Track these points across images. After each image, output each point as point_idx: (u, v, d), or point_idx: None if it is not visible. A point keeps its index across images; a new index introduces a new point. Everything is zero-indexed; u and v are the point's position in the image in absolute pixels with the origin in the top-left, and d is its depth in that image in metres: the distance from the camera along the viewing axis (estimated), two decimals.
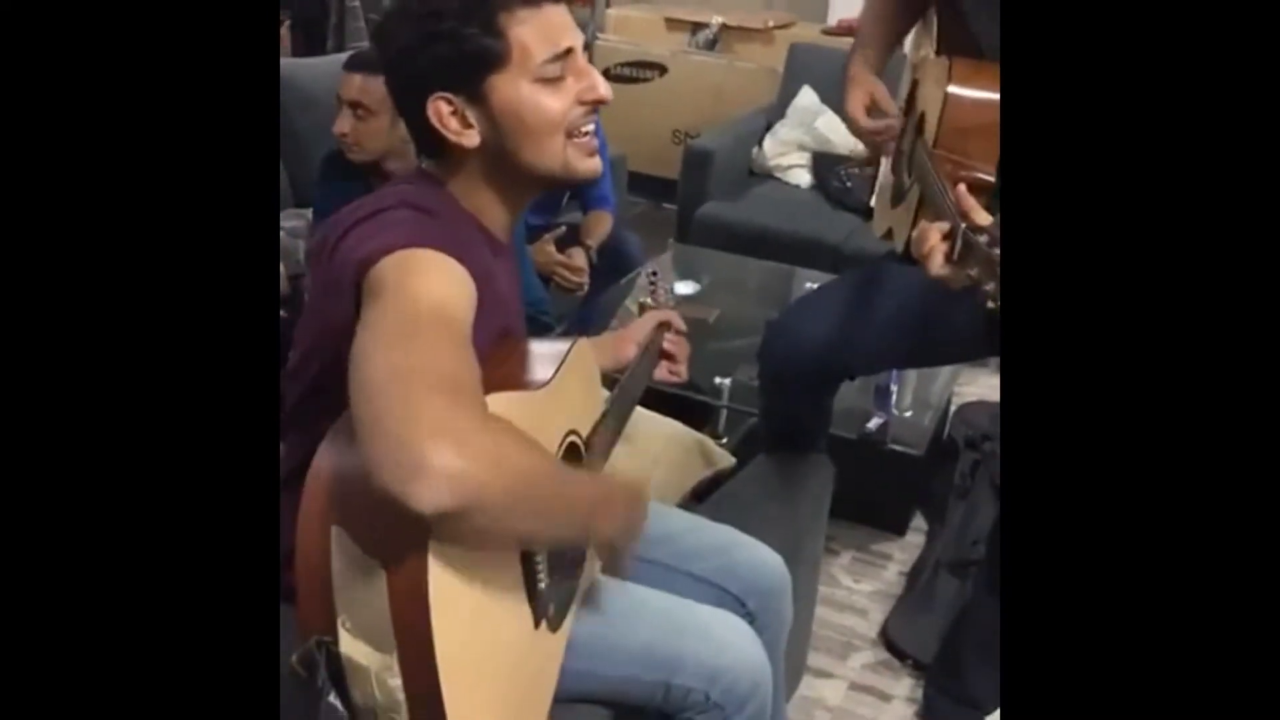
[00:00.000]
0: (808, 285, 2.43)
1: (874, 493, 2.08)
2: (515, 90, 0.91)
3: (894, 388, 2.04)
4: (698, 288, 2.39)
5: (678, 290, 2.29)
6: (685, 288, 2.35)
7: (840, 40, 3.51)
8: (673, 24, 4.02)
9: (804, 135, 3.29)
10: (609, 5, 4.20)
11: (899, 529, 2.16)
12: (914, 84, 1.49)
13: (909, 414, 2.10)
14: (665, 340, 1.28)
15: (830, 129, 3.22)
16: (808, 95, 3.32)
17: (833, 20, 3.88)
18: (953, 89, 1.23)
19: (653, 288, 1.56)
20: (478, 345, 0.81)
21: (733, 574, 1.16)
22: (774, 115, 3.39)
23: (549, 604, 0.90)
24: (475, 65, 0.90)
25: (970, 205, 0.94)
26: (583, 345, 1.03)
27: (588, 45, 4.03)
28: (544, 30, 0.91)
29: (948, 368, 2.26)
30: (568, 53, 0.93)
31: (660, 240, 3.17)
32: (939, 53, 1.35)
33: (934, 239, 0.94)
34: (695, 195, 3.14)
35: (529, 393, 0.89)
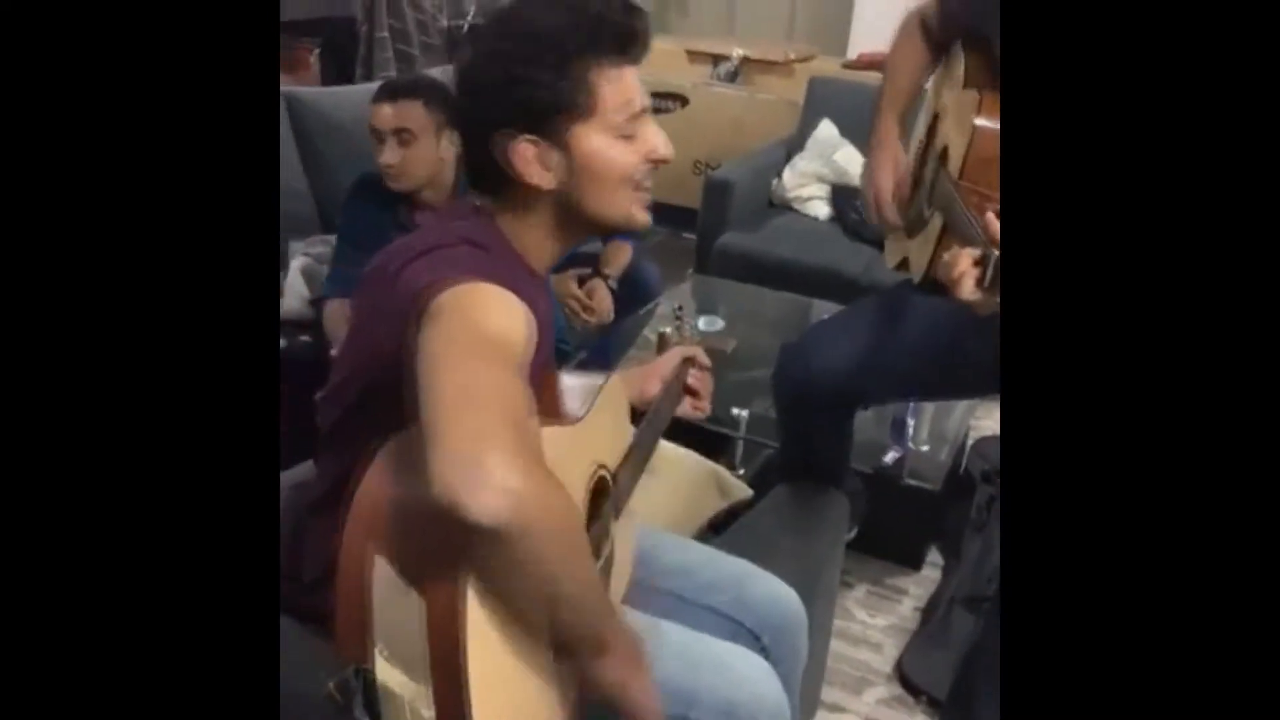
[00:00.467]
0: (825, 317, 2.44)
1: (889, 526, 2.08)
2: (594, 141, 0.96)
3: (910, 421, 2.04)
4: (721, 325, 2.40)
5: (701, 326, 2.31)
6: (708, 324, 2.36)
7: (860, 74, 3.54)
8: (694, 56, 4.07)
9: (823, 167, 3.31)
10: None
11: (914, 563, 2.16)
12: (935, 117, 1.51)
13: (925, 448, 2.11)
14: (690, 376, 1.30)
15: (849, 161, 3.24)
16: (827, 128, 3.35)
17: (853, 54, 3.91)
18: (980, 121, 1.27)
19: (678, 322, 1.57)
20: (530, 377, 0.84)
21: (748, 608, 1.17)
22: (793, 147, 3.42)
23: None
24: (563, 113, 0.95)
25: (998, 232, 0.97)
26: (615, 382, 1.06)
27: None
28: (624, 89, 0.97)
29: (964, 402, 2.27)
30: (641, 112, 0.99)
31: (679, 269, 3.20)
32: (966, 86, 1.37)
33: (965, 264, 0.97)
34: (715, 226, 3.17)
35: (564, 428, 0.91)
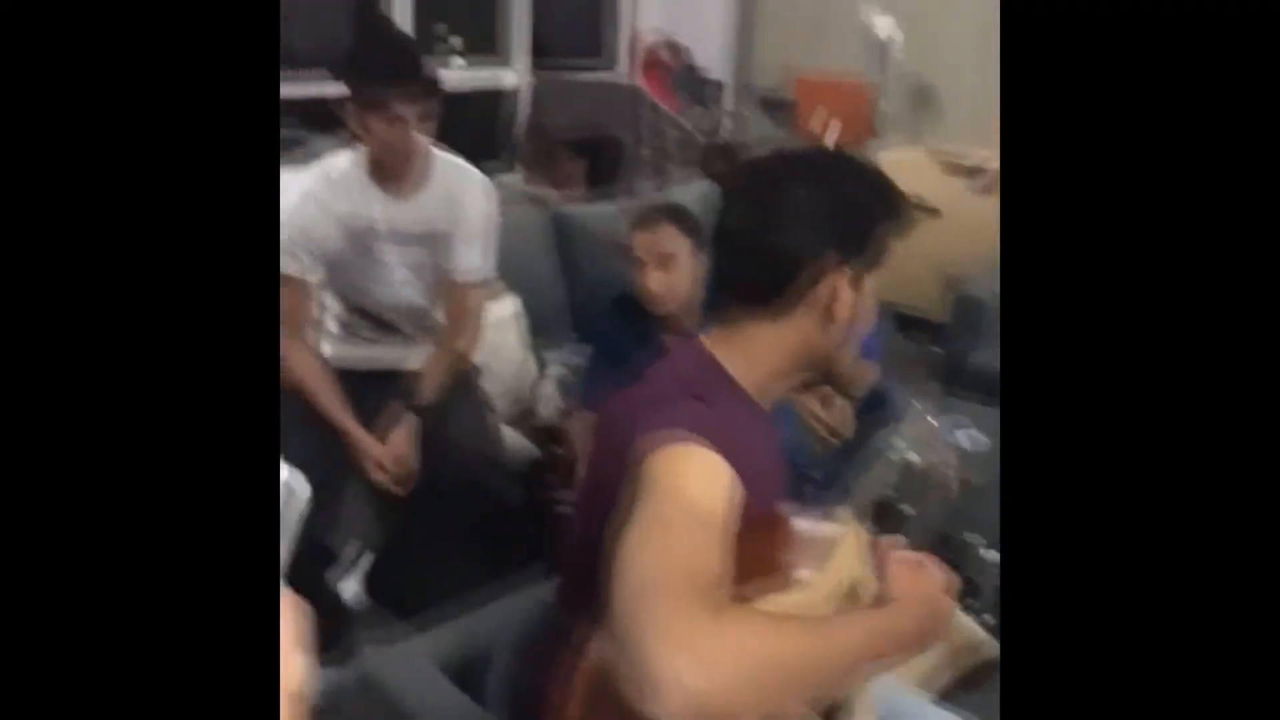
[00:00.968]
0: None
1: None
2: (869, 293, 1.03)
3: None
4: (986, 442, 2.22)
5: (965, 445, 2.14)
6: (972, 442, 2.19)
7: None
8: (947, 166, 3.99)
9: None
10: (883, 147, 4.25)
11: None
12: None
13: None
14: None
15: None
16: None
17: None
18: None
19: (930, 441, 1.48)
20: (744, 528, 0.84)
21: None
22: None
23: None
24: (874, 261, 1.01)
25: None
26: (856, 532, 1.02)
27: None
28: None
29: None
30: None
31: (925, 385, 3.09)
32: None
33: None
34: (965, 343, 3.05)
35: (795, 595, 0.89)
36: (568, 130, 3.88)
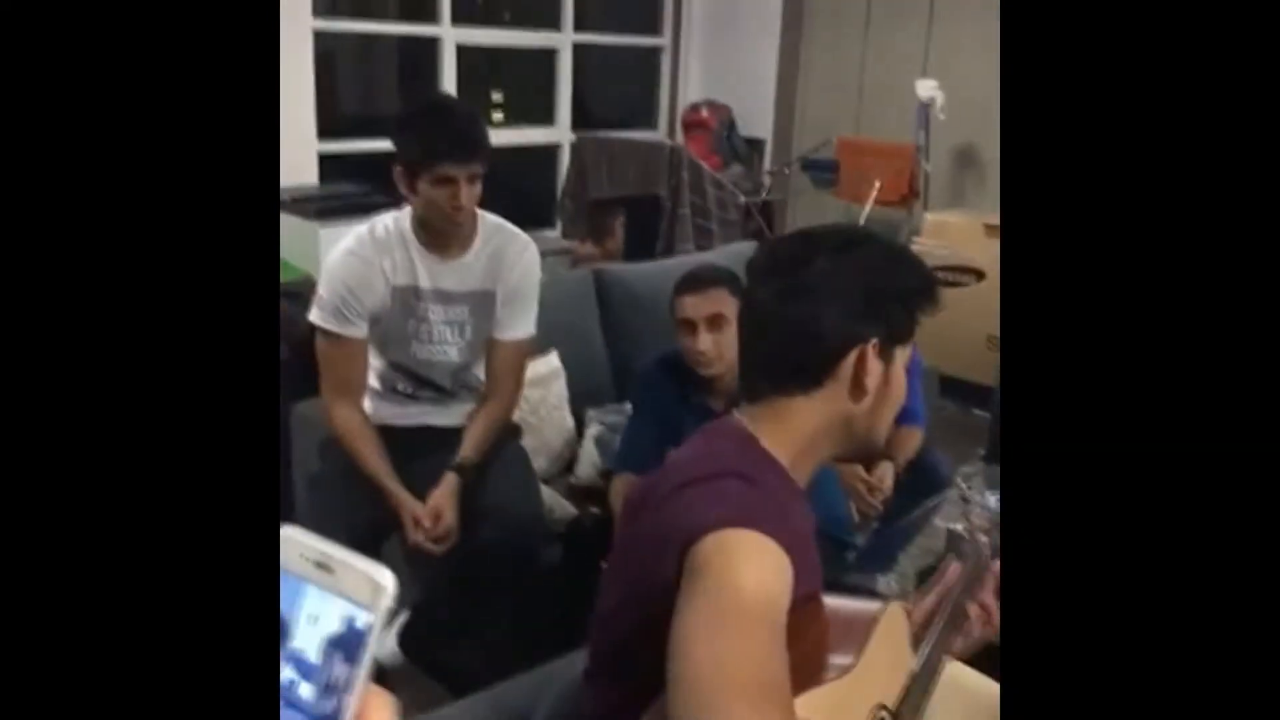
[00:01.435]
0: None
1: None
2: (900, 365, 1.02)
3: None
4: None
5: (994, 506, 2.12)
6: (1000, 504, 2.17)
7: None
8: (992, 230, 3.96)
9: None
10: (926, 209, 4.23)
11: None
12: None
13: None
14: (972, 603, 1.18)
15: None
16: None
17: None
18: None
19: (966, 507, 1.44)
20: (789, 615, 0.82)
21: None
22: None
23: None
24: (902, 334, 1.01)
25: None
26: (894, 611, 0.99)
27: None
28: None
29: None
30: None
31: (969, 448, 3.03)
32: None
33: None
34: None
35: (834, 683, 0.86)
36: (608, 189, 3.92)
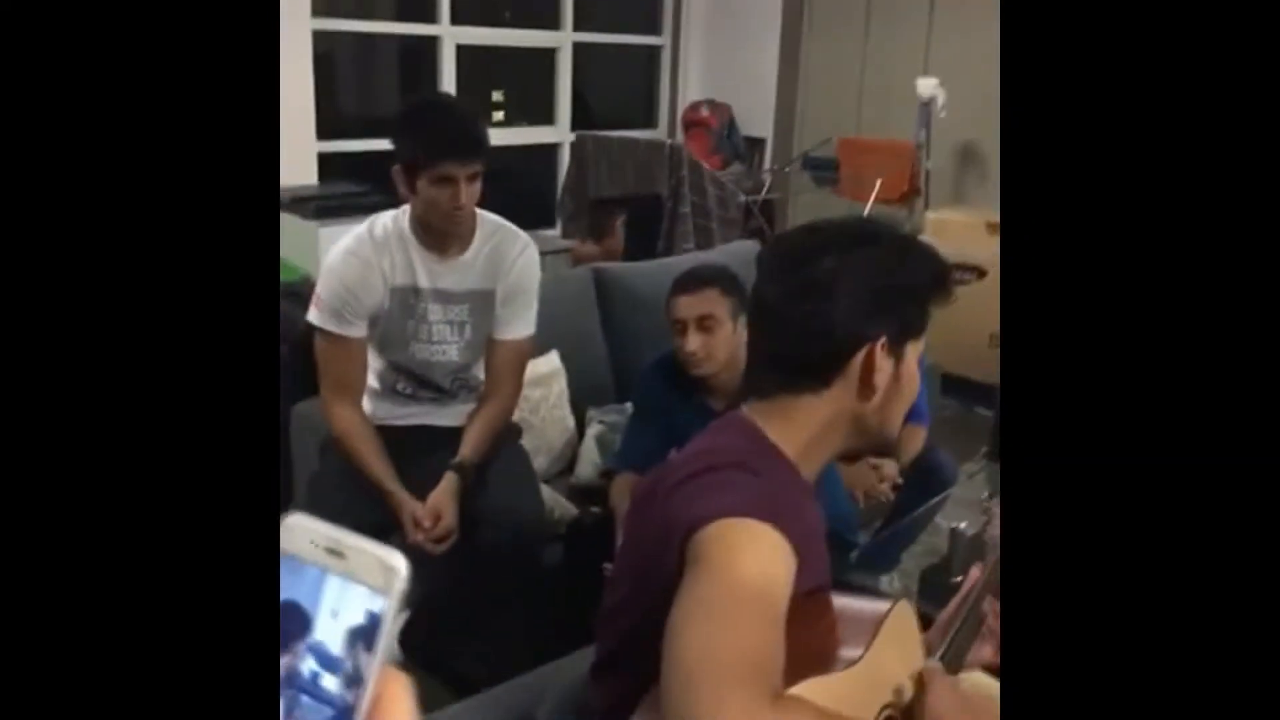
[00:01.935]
0: None
1: None
2: (912, 360, 1.01)
3: None
4: None
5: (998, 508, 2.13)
6: None
7: None
8: (993, 228, 3.95)
9: None
10: (927, 207, 4.22)
11: None
12: None
13: None
14: (990, 614, 1.17)
15: None
16: None
17: None
18: None
19: (986, 518, 1.45)
20: (791, 606, 0.81)
21: None
22: None
23: None
24: (913, 329, 1.00)
25: None
26: (903, 608, 0.99)
27: None
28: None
29: None
30: None
31: (971, 446, 3.02)
32: None
33: None
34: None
35: (842, 675, 0.86)
36: (608, 188, 3.91)
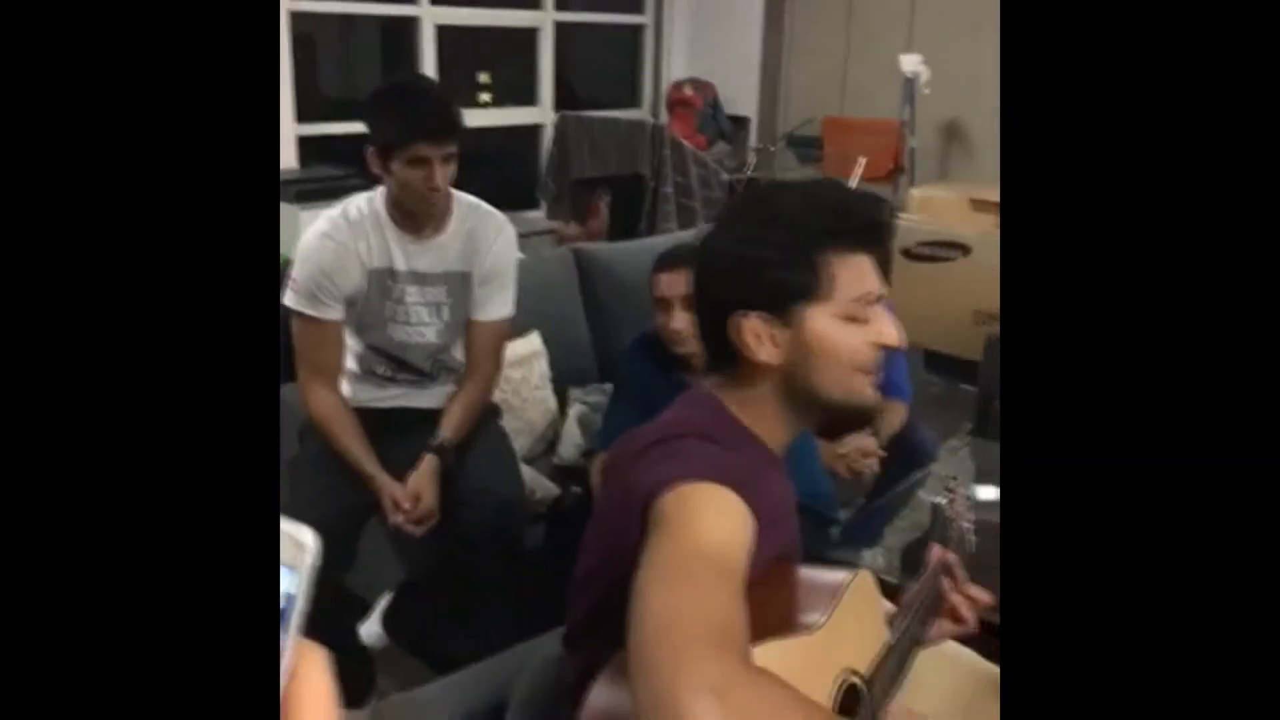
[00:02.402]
0: None
1: None
2: (822, 323, 0.98)
3: None
4: (996, 495, 2.22)
5: (980, 496, 2.14)
6: (987, 493, 2.18)
7: None
8: (978, 205, 3.95)
9: None
10: (912, 184, 4.22)
11: None
12: None
13: None
14: (949, 590, 1.15)
15: None
16: None
17: None
18: None
19: (950, 494, 1.45)
20: (753, 574, 0.82)
21: None
22: None
23: None
24: (793, 294, 0.97)
25: None
26: (864, 578, 1.01)
27: (892, 217, 4.06)
28: (861, 276, 0.99)
29: None
30: (876, 300, 1.00)
31: (955, 423, 3.03)
32: None
33: None
34: (997, 385, 2.99)
35: (803, 638, 0.87)
36: (590, 168, 3.89)
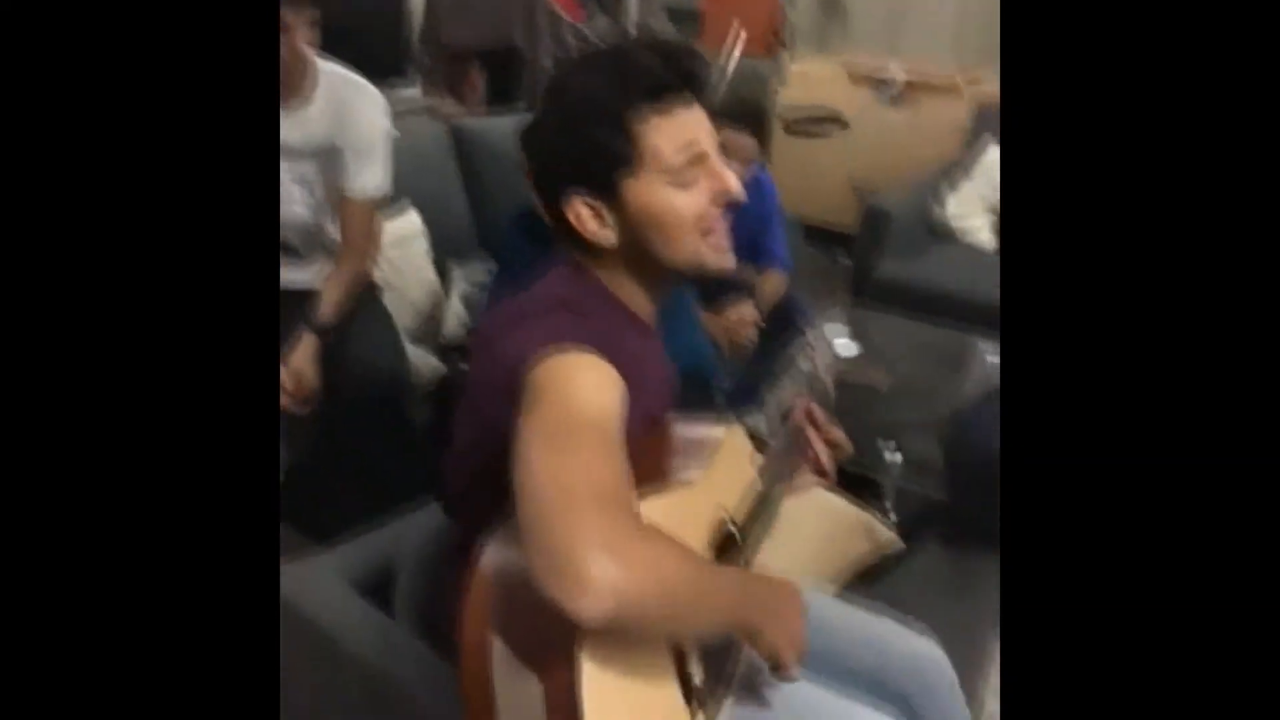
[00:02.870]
0: (988, 355, 2.33)
1: None
2: (648, 192, 0.94)
3: None
4: (858, 349, 2.29)
5: (839, 352, 2.21)
6: (846, 349, 2.24)
7: None
8: (856, 78, 3.99)
9: (991, 194, 3.18)
10: (791, 59, 4.21)
11: None
12: None
13: None
14: (810, 433, 1.22)
15: None
16: (995, 153, 3.22)
17: None
18: None
19: (811, 350, 1.49)
20: (629, 435, 0.84)
21: (892, 668, 1.13)
22: (959, 172, 3.30)
23: (703, 697, 0.90)
24: (607, 167, 0.94)
25: None
26: (735, 430, 1.04)
27: (769, 96, 4.06)
28: (675, 134, 0.94)
29: None
30: (702, 155, 0.95)
31: (835, 295, 3.13)
32: None
33: None
34: (872, 254, 3.09)
35: (680, 492, 0.91)
36: (466, 41, 3.74)
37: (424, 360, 2.11)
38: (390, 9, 3.97)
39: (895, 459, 1.95)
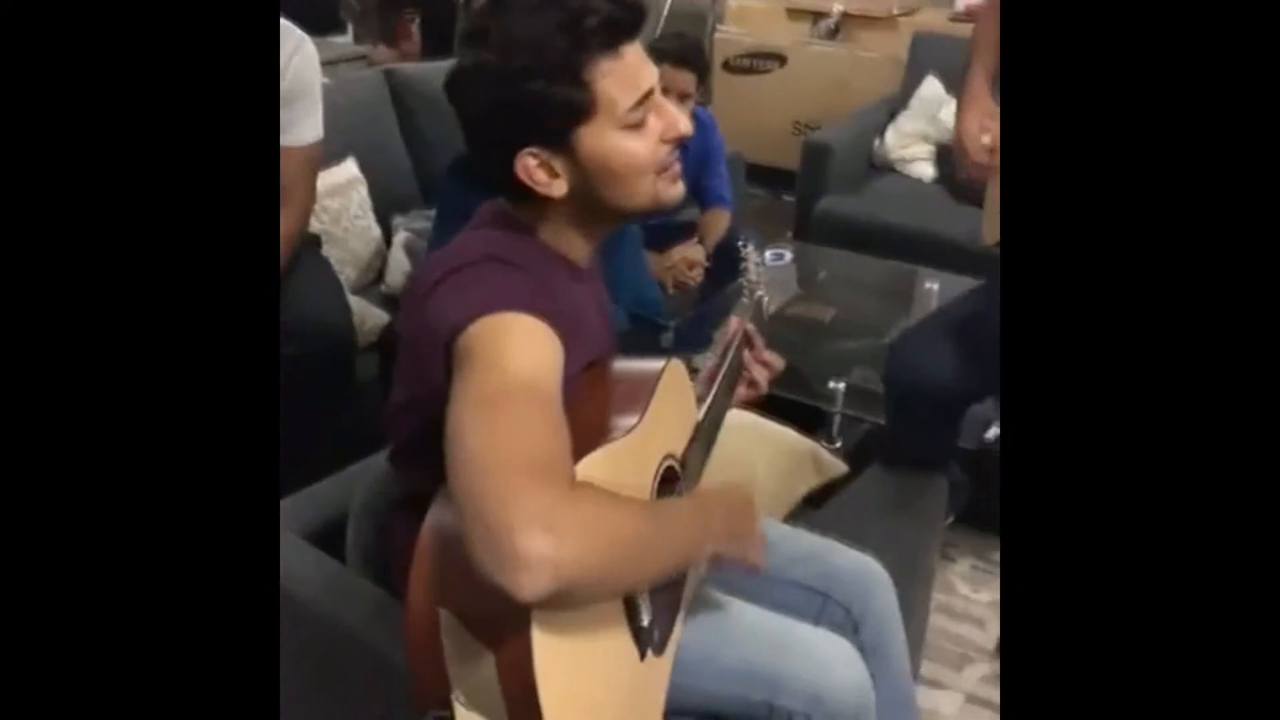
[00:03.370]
0: (929, 285, 2.37)
1: (994, 501, 2.02)
2: (602, 139, 0.92)
3: None
4: (788, 257, 2.30)
5: (768, 261, 2.18)
6: (774, 258, 2.23)
7: (968, 28, 3.39)
8: (794, 13, 3.96)
9: (928, 126, 3.20)
10: None
11: None
12: None
13: None
14: (748, 359, 1.24)
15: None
16: (932, 85, 3.23)
17: (960, 6, 3.75)
18: None
19: (744, 264, 1.49)
20: (567, 378, 0.83)
21: (833, 579, 1.17)
22: (897, 105, 3.31)
23: (653, 634, 0.91)
24: (563, 119, 0.90)
25: None
26: (675, 366, 1.02)
27: (709, 34, 4.02)
28: (626, 77, 0.91)
29: None
30: (648, 94, 0.93)
31: (779, 233, 3.15)
32: None
33: None
34: (814, 189, 3.10)
35: (619, 441, 0.88)
36: None
37: (367, 311, 2.09)
38: None
39: (838, 387, 2.00)
